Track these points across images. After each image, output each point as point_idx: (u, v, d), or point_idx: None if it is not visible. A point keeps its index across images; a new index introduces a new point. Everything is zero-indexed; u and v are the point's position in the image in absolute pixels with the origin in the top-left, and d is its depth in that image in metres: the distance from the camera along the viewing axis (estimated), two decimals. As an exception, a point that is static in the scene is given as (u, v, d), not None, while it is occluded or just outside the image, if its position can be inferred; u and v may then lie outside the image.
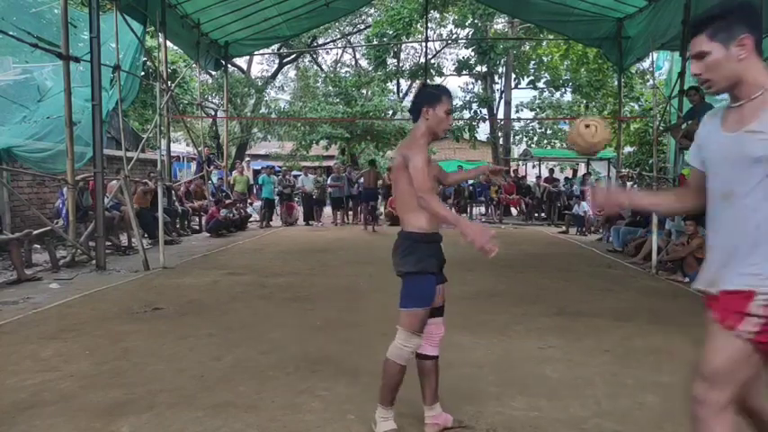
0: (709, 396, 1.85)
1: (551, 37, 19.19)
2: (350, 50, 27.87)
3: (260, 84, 25.54)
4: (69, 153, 7.82)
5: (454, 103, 22.26)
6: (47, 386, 3.41)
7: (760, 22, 1.81)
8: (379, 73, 21.99)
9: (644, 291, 6.51)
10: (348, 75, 24.98)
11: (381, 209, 15.14)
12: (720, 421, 1.86)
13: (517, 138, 22.60)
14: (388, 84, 23.32)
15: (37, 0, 9.58)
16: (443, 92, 2.72)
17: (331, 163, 22.49)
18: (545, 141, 23.03)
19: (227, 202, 12.86)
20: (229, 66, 17.76)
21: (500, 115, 21.58)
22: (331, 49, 28.06)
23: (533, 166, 21.84)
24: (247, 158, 25.05)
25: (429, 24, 19.36)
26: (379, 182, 14.18)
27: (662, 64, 15.04)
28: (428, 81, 23.84)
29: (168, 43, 12.34)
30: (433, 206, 2.53)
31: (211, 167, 15.06)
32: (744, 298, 1.76)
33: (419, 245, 2.64)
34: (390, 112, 22.84)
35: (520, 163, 23.41)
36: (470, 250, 2.61)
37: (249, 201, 16.16)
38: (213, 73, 19.99)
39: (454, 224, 2.53)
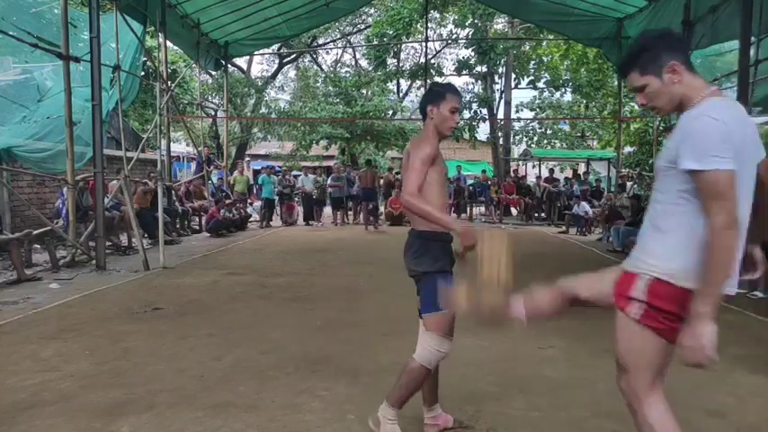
0: (630, 385, 1.97)
1: (551, 37, 19.19)
2: (350, 50, 27.88)
3: (260, 84, 25.53)
4: (69, 153, 7.81)
5: (455, 102, 22.40)
6: (47, 386, 3.41)
7: (682, 44, 1.99)
8: (379, 73, 21.99)
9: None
10: (348, 75, 24.98)
11: (382, 209, 15.14)
12: (652, 404, 2.01)
13: (517, 138, 22.60)
14: (388, 84, 23.32)
15: (37, 0, 9.58)
16: (448, 89, 2.66)
17: (331, 163, 22.49)
18: (545, 141, 23.04)
19: (227, 202, 12.86)
20: (229, 66, 17.76)
21: (500, 115, 21.58)
22: (331, 49, 28.07)
23: (533, 166, 21.85)
24: (247, 158, 25.02)
25: (429, 24, 19.36)
26: (381, 181, 14.19)
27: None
28: (428, 81, 23.88)
29: (168, 43, 12.34)
30: (417, 208, 2.42)
31: (211, 167, 15.06)
32: (630, 281, 1.90)
33: (432, 243, 2.55)
34: (390, 112, 22.84)
35: (520, 163, 23.42)
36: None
37: (249, 201, 16.16)
38: (213, 73, 19.99)
39: (445, 225, 2.43)
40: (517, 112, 22.31)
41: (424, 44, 19.73)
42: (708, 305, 1.74)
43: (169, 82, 12.75)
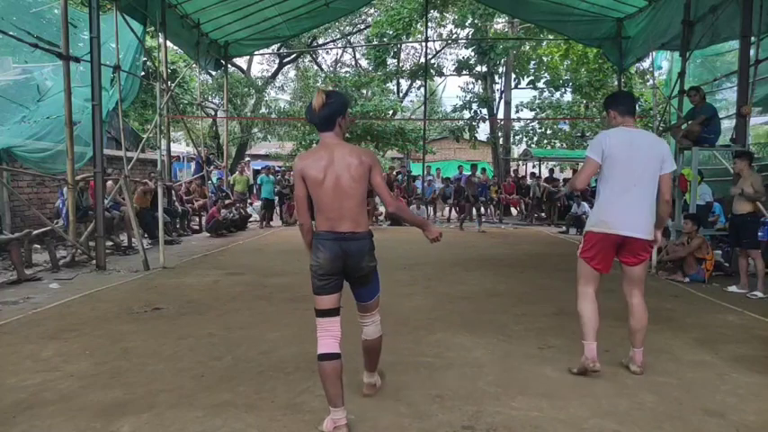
0: (578, 287, 3.75)
1: (551, 37, 19.18)
2: (350, 50, 27.88)
3: (260, 84, 25.54)
4: (69, 153, 7.81)
5: (454, 103, 22.28)
6: (47, 386, 3.41)
7: (613, 101, 3.77)
8: (379, 73, 21.98)
9: (644, 291, 6.50)
10: (348, 75, 24.97)
11: (381, 209, 15.13)
12: (584, 295, 3.72)
13: (517, 138, 22.57)
14: (388, 84, 23.30)
15: (37, 0, 9.57)
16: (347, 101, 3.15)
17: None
18: (545, 141, 23.02)
19: (227, 202, 12.86)
20: (229, 66, 17.76)
21: (500, 115, 21.57)
22: (331, 49, 28.07)
23: (533, 166, 21.83)
24: (247, 158, 25.03)
25: (429, 24, 19.35)
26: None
27: (660, 63, 15.04)
28: (428, 81, 23.89)
29: (168, 43, 12.34)
30: (407, 213, 3.28)
31: (211, 168, 15.06)
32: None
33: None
34: (390, 113, 22.83)
35: (520, 163, 23.41)
36: (470, 251, 2.60)
37: (249, 201, 16.15)
38: (213, 73, 19.98)
39: (420, 223, 3.26)
40: (517, 112, 22.30)
41: (424, 44, 19.73)
42: None
43: (169, 82, 12.74)
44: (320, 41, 26.28)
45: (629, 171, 3.46)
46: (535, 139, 22.80)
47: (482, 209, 14.52)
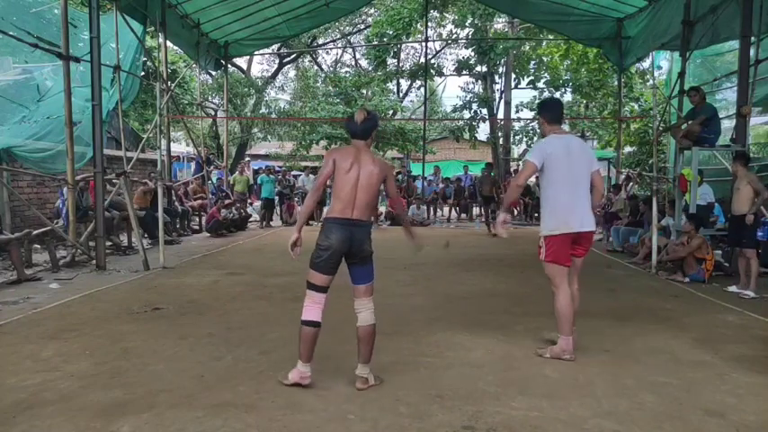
0: (555, 287, 3.99)
1: (551, 37, 19.17)
2: (350, 50, 27.87)
3: (260, 84, 25.53)
4: (69, 153, 7.81)
5: (454, 103, 22.27)
6: (47, 386, 3.41)
7: (542, 108, 4.34)
8: (379, 73, 21.96)
9: (644, 291, 6.51)
10: (348, 75, 24.96)
11: (382, 209, 15.13)
12: (564, 292, 3.95)
13: (517, 138, 22.54)
14: (388, 84, 23.29)
15: (37, 0, 9.57)
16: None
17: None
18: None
19: (227, 202, 12.86)
20: (229, 66, 17.75)
21: (500, 115, 21.55)
22: (331, 49, 28.06)
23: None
24: (247, 158, 25.03)
25: (429, 24, 19.35)
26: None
27: (659, 63, 15.05)
28: (428, 81, 23.88)
29: (168, 43, 12.33)
30: (405, 217, 3.89)
31: (211, 168, 15.05)
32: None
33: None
34: (390, 113, 22.82)
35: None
36: (470, 251, 2.61)
37: (249, 201, 16.15)
38: (213, 73, 19.99)
39: (407, 232, 3.82)
40: (517, 112, 22.27)
41: (423, 44, 19.73)
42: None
43: (169, 82, 12.74)
44: (320, 41, 26.27)
45: (571, 174, 3.93)
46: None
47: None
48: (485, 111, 21.35)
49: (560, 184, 3.91)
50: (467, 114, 21.35)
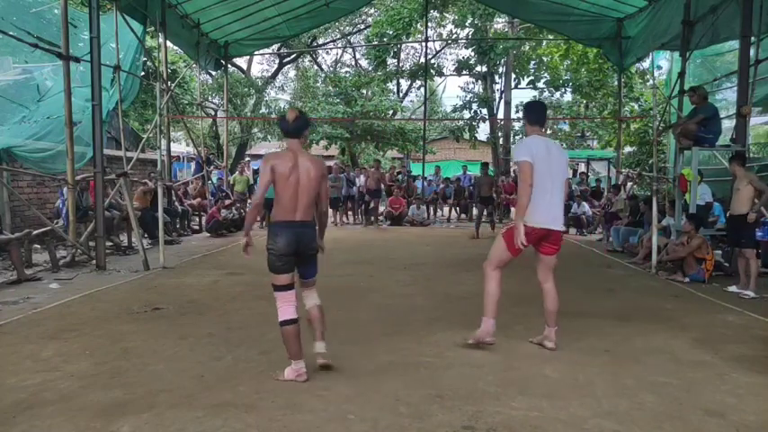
0: (489, 269, 4.20)
1: (551, 37, 19.17)
2: (350, 50, 27.87)
3: (260, 84, 25.54)
4: (69, 153, 7.81)
5: (454, 103, 22.29)
6: (47, 386, 3.41)
7: (525, 110, 4.50)
8: (379, 73, 21.96)
9: (644, 291, 6.51)
10: (348, 75, 24.96)
11: (381, 208, 15.14)
12: (496, 278, 4.18)
13: (517, 138, 22.56)
14: (388, 84, 23.29)
15: (37, 0, 9.57)
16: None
17: (331, 163, 22.53)
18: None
19: (227, 202, 12.86)
20: (229, 66, 17.75)
21: (500, 115, 21.57)
22: (331, 49, 28.06)
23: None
24: (247, 158, 25.04)
25: (429, 24, 19.35)
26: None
27: (658, 63, 15.04)
28: (428, 81, 23.88)
29: (168, 43, 12.33)
30: (324, 220, 3.88)
31: (211, 168, 15.05)
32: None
33: None
34: (390, 113, 22.82)
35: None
36: (470, 251, 2.61)
37: (249, 201, 16.13)
38: (213, 73, 19.98)
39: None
40: (517, 112, 22.24)
41: (423, 44, 19.73)
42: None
43: (169, 82, 12.74)
44: (320, 41, 26.27)
45: (550, 175, 4.08)
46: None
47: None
48: (485, 111, 21.35)
49: (539, 182, 4.02)
50: (467, 114, 21.36)
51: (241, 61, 24.30)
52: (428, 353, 4.11)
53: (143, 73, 13.28)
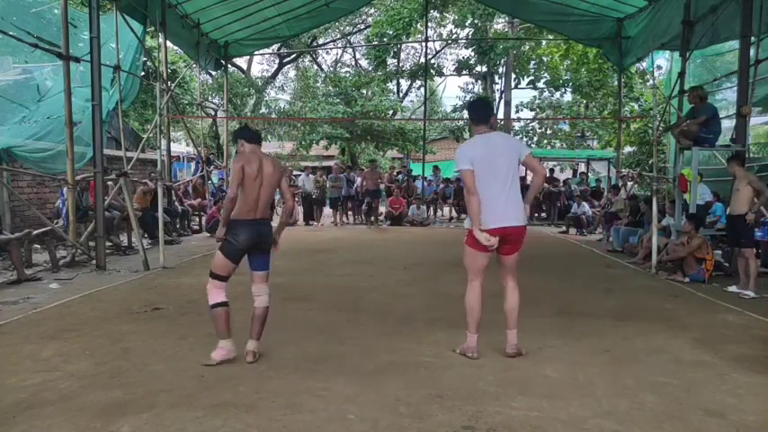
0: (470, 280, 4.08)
1: (551, 37, 19.18)
2: (350, 50, 27.88)
3: (260, 84, 25.54)
4: (69, 153, 7.81)
5: (454, 103, 22.26)
6: (47, 386, 3.41)
7: (468, 110, 4.42)
8: (379, 73, 21.97)
9: (644, 291, 6.51)
10: (348, 75, 24.97)
11: (382, 208, 15.14)
12: (477, 288, 4.07)
13: (517, 138, 22.62)
14: (388, 84, 23.30)
15: (37, 0, 9.57)
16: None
17: (331, 163, 22.53)
18: (545, 141, 23.03)
19: (228, 202, 12.83)
20: (229, 66, 17.75)
21: (500, 115, 21.58)
22: (331, 49, 28.07)
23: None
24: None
25: (429, 24, 19.35)
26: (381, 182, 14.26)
27: (657, 63, 15.03)
28: (428, 81, 23.88)
29: (168, 43, 12.33)
30: (288, 214, 4.19)
31: (211, 168, 15.05)
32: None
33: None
34: (390, 113, 22.82)
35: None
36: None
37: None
38: (213, 73, 19.98)
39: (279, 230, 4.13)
40: (517, 112, 22.30)
41: (423, 44, 19.72)
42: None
43: (169, 82, 12.73)
44: (320, 41, 26.28)
45: (495, 171, 3.89)
46: (535, 139, 22.80)
47: None
48: (485, 111, 21.33)
49: (484, 183, 3.87)
50: (467, 114, 21.35)
51: (241, 61, 24.33)
52: (428, 353, 4.11)
53: (143, 73, 13.28)
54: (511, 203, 3.93)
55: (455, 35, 22.62)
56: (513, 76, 21.37)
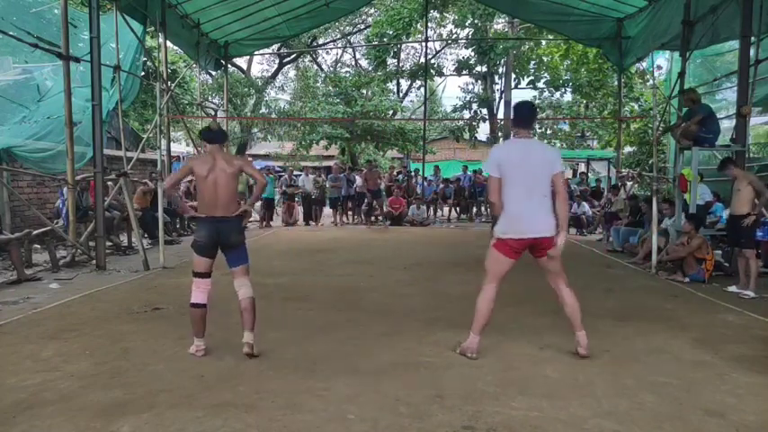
0: (486, 283, 4.00)
1: (551, 37, 19.18)
2: (350, 50, 27.89)
3: (260, 84, 25.55)
4: (69, 153, 7.81)
5: (454, 103, 22.29)
6: (47, 386, 3.41)
7: (514, 111, 4.16)
8: (379, 73, 21.98)
9: (644, 291, 6.51)
10: (348, 75, 24.98)
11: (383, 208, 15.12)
12: (491, 291, 3.98)
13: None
14: (388, 84, 23.31)
15: (37, 0, 9.57)
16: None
17: (331, 163, 22.54)
18: (545, 141, 23.02)
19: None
20: (229, 66, 17.75)
21: (500, 115, 21.60)
22: (331, 49, 28.08)
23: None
24: (248, 158, 25.08)
25: (429, 24, 19.35)
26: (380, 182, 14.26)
27: (657, 63, 15.04)
28: (428, 81, 23.88)
29: (168, 43, 12.33)
30: (258, 194, 4.56)
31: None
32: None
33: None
34: (390, 113, 22.83)
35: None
36: (470, 251, 2.61)
37: (246, 201, 16.13)
38: (213, 73, 19.98)
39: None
40: (517, 112, 22.28)
41: (424, 44, 19.73)
42: None
43: (169, 82, 12.73)
44: (320, 41, 26.29)
45: (525, 179, 3.82)
46: (535, 138, 22.79)
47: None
48: (485, 111, 21.37)
49: (513, 189, 3.82)
50: (467, 114, 21.37)
51: (241, 61, 24.36)
52: (428, 353, 4.11)
53: (143, 73, 13.28)
54: (541, 214, 3.85)
55: (455, 35, 22.63)
56: (513, 76, 21.38)
